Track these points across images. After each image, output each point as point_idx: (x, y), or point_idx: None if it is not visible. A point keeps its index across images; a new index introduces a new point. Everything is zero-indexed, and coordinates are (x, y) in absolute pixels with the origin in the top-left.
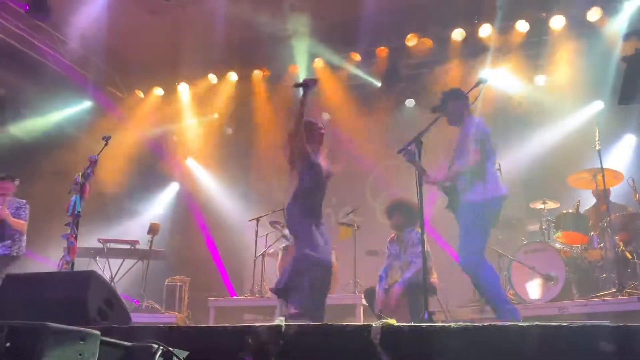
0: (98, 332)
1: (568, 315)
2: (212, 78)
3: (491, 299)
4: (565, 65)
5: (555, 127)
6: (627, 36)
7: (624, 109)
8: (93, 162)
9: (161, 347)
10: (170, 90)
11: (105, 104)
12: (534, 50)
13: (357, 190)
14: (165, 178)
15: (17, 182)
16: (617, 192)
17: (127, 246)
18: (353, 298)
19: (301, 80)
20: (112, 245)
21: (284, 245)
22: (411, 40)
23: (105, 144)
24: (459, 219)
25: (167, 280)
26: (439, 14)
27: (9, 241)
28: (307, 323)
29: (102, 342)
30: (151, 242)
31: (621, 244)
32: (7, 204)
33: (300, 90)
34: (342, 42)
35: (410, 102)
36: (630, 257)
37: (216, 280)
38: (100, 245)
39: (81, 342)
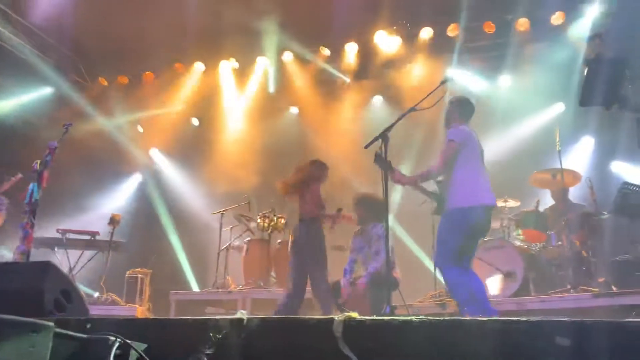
0: (52, 324)
1: (526, 311)
2: (179, 68)
3: (456, 300)
4: (529, 67)
5: (518, 127)
6: (590, 39)
7: (583, 111)
8: (52, 150)
9: (118, 340)
10: (135, 79)
11: (67, 91)
12: (500, 51)
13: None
14: (128, 168)
15: None
16: (575, 192)
17: (87, 237)
18: None
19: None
20: (72, 236)
21: (248, 238)
22: (380, 37)
23: (66, 131)
24: None
25: (127, 272)
26: (408, 12)
27: None
28: (270, 316)
29: (56, 334)
30: (112, 233)
31: (578, 243)
32: None
33: None
34: (311, 36)
35: (378, 99)
36: (585, 255)
37: (178, 273)
38: (59, 236)
39: (34, 334)
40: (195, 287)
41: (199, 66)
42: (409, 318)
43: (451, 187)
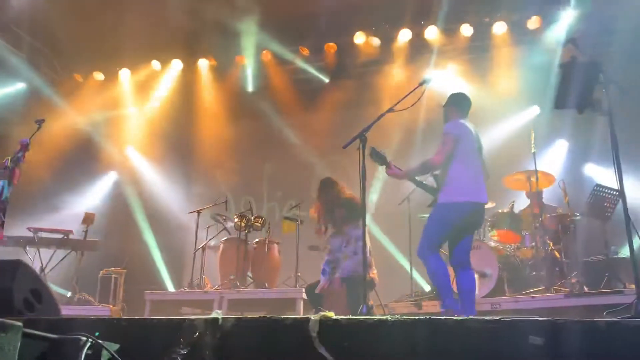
0: (20, 324)
1: (500, 311)
2: (156, 65)
3: (437, 290)
4: (505, 69)
5: (494, 130)
6: (565, 43)
7: (557, 115)
8: (24, 146)
9: (90, 340)
10: (111, 76)
11: (40, 86)
12: (477, 54)
13: (302, 184)
14: (103, 166)
15: None
16: (549, 194)
17: (60, 236)
18: (294, 292)
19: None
20: (44, 235)
21: (225, 238)
22: (359, 38)
23: (39, 128)
24: None
25: (101, 272)
26: (387, 13)
27: None
28: (245, 316)
29: (25, 335)
30: (86, 232)
31: (551, 244)
32: None
33: None
34: (291, 35)
35: (356, 99)
36: (558, 256)
37: (154, 272)
38: (30, 234)
39: (1, 334)
40: (170, 287)
41: (176, 64)
42: (384, 317)
43: (444, 181)
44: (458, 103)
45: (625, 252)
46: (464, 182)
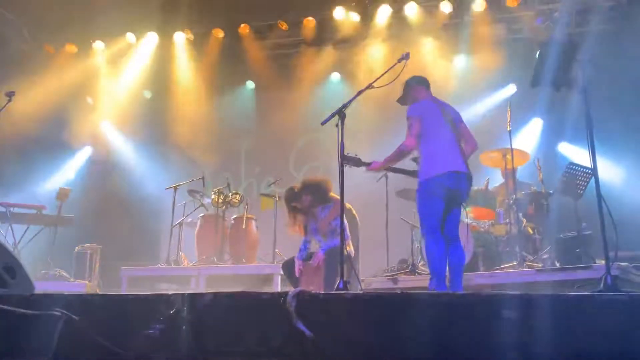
0: None
1: (475, 286)
2: (131, 37)
3: (430, 270)
4: (483, 47)
5: (471, 107)
6: (543, 22)
7: (533, 94)
8: None
9: (64, 316)
10: (85, 48)
11: (10, 57)
12: (456, 31)
13: (280, 161)
14: (77, 141)
15: None
16: (523, 172)
17: (33, 211)
18: (271, 268)
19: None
20: (16, 210)
21: (202, 214)
22: (338, 13)
23: (9, 101)
24: None
25: (76, 247)
26: None
27: None
28: (222, 292)
29: None
30: (60, 207)
31: (524, 220)
32: None
33: None
34: (269, 9)
35: (335, 75)
36: (531, 232)
37: (130, 248)
38: (2, 210)
39: None
40: (147, 263)
41: (152, 36)
42: (360, 292)
43: (420, 161)
44: (419, 82)
45: None
46: (438, 156)
